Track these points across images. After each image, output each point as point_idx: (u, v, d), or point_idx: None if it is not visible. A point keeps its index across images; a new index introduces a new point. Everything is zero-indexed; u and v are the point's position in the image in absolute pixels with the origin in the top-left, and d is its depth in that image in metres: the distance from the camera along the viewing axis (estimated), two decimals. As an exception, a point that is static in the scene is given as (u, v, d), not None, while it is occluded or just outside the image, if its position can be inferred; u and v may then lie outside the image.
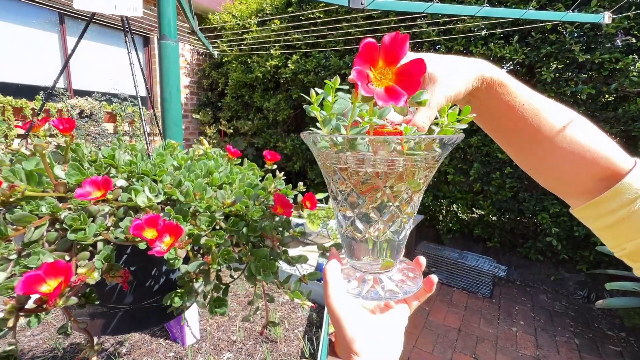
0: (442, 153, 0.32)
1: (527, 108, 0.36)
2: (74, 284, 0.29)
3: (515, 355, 2.05)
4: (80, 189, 0.34)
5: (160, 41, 1.04)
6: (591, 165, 0.35)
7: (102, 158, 0.44)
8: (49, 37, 3.58)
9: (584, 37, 2.33)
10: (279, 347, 1.25)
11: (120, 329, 0.50)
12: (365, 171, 0.31)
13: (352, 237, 0.37)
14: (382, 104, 0.25)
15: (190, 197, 0.40)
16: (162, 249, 0.31)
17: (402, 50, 0.25)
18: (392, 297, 0.35)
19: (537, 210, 2.61)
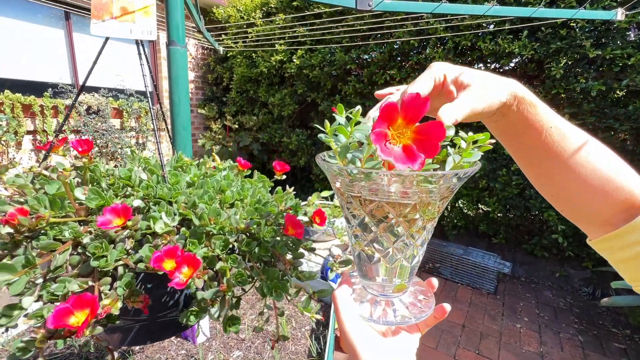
0: (458, 184, 0.33)
1: (554, 132, 0.36)
2: (101, 316, 0.31)
3: (518, 352, 2.07)
4: (102, 217, 0.35)
5: (169, 47, 1.04)
6: (612, 196, 0.35)
7: (119, 179, 0.45)
8: (55, 34, 3.59)
9: (595, 32, 2.28)
10: (287, 345, 1.28)
11: (137, 340, 0.52)
12: (378, 201, 0.32)
13: (364, 260, 0.37)
14: (400, 167, 0.25)
15: (205, 221, 0.42)
16: (182, 281, 0.33)
17: (421, 110, 0.26)
18: (403, 322, 0.36)
19: (543, 207, 2.60)
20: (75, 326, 0.27)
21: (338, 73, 3.43)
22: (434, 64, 0.36)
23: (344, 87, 3.35)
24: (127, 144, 3.90)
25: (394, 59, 3.12)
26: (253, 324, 1.41)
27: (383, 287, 0.38)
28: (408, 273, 0.38)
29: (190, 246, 0.40)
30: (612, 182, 0.35)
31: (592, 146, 0.36)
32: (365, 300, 0.38)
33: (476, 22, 2.51)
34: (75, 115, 3.58)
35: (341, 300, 0.36)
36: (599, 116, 2.33)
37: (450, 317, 2.39)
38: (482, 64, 2.81)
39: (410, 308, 0.37)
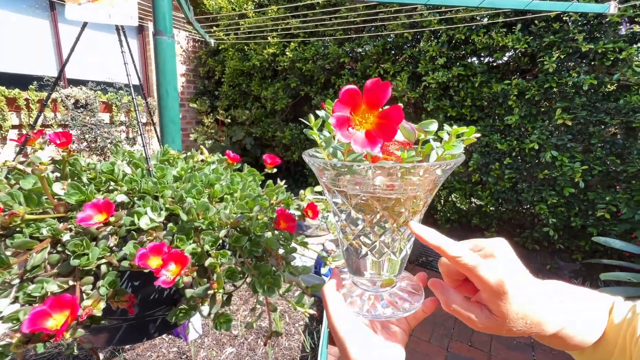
0: (441, 176, 0.32)
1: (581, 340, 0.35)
2: (82, 318, 0.29)
3: (509, 343, 2.10)
4: (82, 214, 0.33)
5: (156, 37, 1.01)
6: None
7: (101, 173, 0.43)
8: (40, 24, 3.47)
9: (588, 25, 2.29)
10: (280, 341, 1.27)
11: (125, 340, 0.50)
12: (362, 194, 0.32)
13: (352, 254, 0.37)
14: (358, 150, 0.25)
15: (193, 216, 0.40)
16: (169, 279, 0.31)
17: (384, 94, 0.26)
18: (392, 316, 0.36)
19: (535, 200, 2.63)
20: (54, 329, 0.25)
21: (331, 67, 3.39)
22: (502, 246, 0.33)
23: (338, 81, 3.32)
24: (117, 139, 3.82)
25: (388, 52, 3.09)
26: (246, 319, 1.40)
27: (372, 282, 0.38)
28: (396, 267, 0.38)
29: (178, 242, 0.39)
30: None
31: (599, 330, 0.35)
32: (354, 295, 0.38)
33: (470, 14, 2.50)
34: (62, 109, 3.48)
35: (330, 295, 0.36)
36: (590, 110, 2.35)
37: (443, 310, 2.41)
38: (476, 57, 2.81)
39: (400, 302, 0.37)
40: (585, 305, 0.36)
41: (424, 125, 0.30)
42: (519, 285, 0.30)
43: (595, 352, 0.36)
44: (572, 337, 0.34)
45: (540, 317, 0.31)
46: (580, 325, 0.34)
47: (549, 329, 0.31)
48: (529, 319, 0.30)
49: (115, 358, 1.22)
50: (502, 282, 0.29)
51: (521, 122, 2.59)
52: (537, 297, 0.31)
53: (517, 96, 2.56)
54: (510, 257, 0.32)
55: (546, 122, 2.49)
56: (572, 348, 0.36)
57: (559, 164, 2.44)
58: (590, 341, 0.35)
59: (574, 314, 0.34)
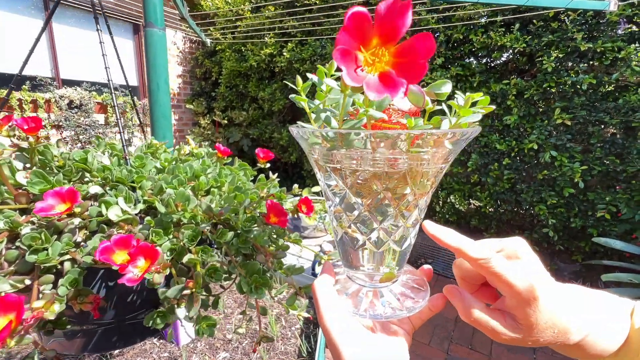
0: (453, 150, 0.27)
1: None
2: (27, 322, 0.25)
3: (510, 346, 2.06)
4: (41, 203, 0.29)
5: (146, 29, 0.97)
6: None
7: (72, 162, 0.39)
8: (34, 24, 3.43)
9: (586, 25, 2.28)
10: (275, 345, 1.23)
11: (101, 346, 0.46)
12: (362, 171, 0.26)
13: (348, 244, 0.32)
14: (375, 97, 0.19)
15: (171, 208, 0.36)
16: (135, 276, 0.27)
17: (403, 21, 0.19)
18: (393, 315, 0.31)
19: (534, 201, 2.60)
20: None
21: (329, 67, 3.37)
22: (525, 246, 0.29)
23: (335, 81, 3.29)
24: (112, 140, 3.77)
25: (386, 52, 3.08)
26: (241, 323, 1.35)
27: (370, 277, 0.33)
28: (398, 259, 0.32)
29: (154, 237, 0.35)
30: None
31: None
32: (349, 291, 0.33)
33: (468, 14, 2.48)
34: (56, 110, 3.43)
35: (322, 291, 0.31)
36: (589, 110, 2.34)
37: (443, 312, 2.38)
38: (474, 57, 2.79)
39: (402, 299, 0.32)
40: (606, 311, 0.32)
41: (436, 86, 0.25)
42: (549, 291, 0.26)
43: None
44: (594, 345, 0.30)
45: (567, 325, 0.27)
46: (603, 332, 0.31)
47: (574, 337, 0.28)
48: (557, 327, 0.26)
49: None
50: (533, 288, 0.25)
51: (520, 122, 2.57)
52: (565, 303, 0.27)
53: (515, 96, 2.54)
54: (534, 259, 0.28)
55: (545, 122, 2.47)
56: (592, 358, 0.32)
57: (559, 164, 2.42)
58: (611, 349, 0.31)
59: (596, 321, 0.30)
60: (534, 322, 0.26)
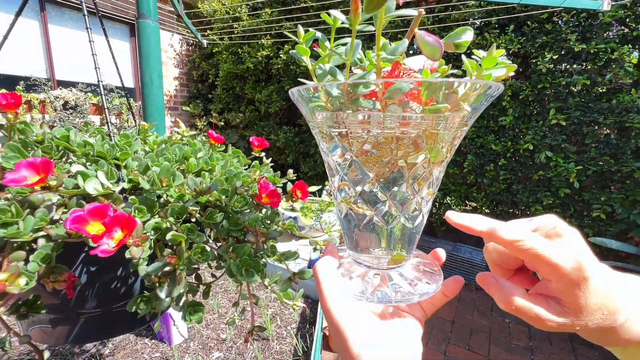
0: (472, 113, 0.25)
1: None
2: (-11, 293, 0.23)
3: (508, 347, 2.04)
4: (13, 173, 0.27)
5: (138, 20, 0.95)
6: None
7: (54, 139, 0.37)
8: (29, 25, 3.40)
9: (580, 26, 2.30)
10: (271, 345, 1.20)
11: (84, 337, 0.44)
12: (371, 136, 0.24)
13: (354, 224, 0.29)
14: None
15: (156, 185, 0.34)
16: (110, 247, 0.25)
17: None
18: (404, 299, 0.28)
19: (530, 202, 2.60)
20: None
21: (326, 68, 3.38)
22: (563, 223, 0.26)
23: (332, 83, 3.30)
24: (89, 122, 3.74)
25: (382, 54, 3.09)
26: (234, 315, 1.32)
27: (378, 259, 0.30)
28: (408, 239, 0.30)
29: (137, 214, 0.33)
30: None
31: None
32: (355, 274, 0.30)
33: (463, 15, 2.50)
34: (50, 111, 3.40)
35: (325, 273, 0.28)
36: (583, 110, 2.35)
37: (440, 314, 2.36)
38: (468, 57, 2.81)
39: (413, 283, 0.29)
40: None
41: (455, 35, 0.23)
42: (598, 270, 0.24)
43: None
44: (630, 328, 0.26)
45: (617, 305, 0.24)
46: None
47: (620, 318, 0.25)
48: (607, 309, 0.24)
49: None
50: (582, 267, 0.23)
51: (515, 123, 2.59)
52: (614, 282, 0.25)
53: (510, 97, 2.56)
54: (575, 236, 0.26)
55: (540, 123, 2.48)
56: (623, 343, 0.29)
57: (554, 165, 2.43)
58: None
59: (637, 301, 0.28)
60: (583, 305, 0.23)
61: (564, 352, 2.01)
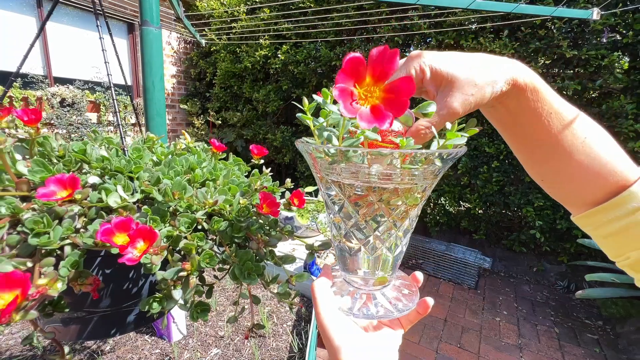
0: (442, 167, 0.30)
1: (554, 117, 0.34)
2: (33, 297, 0.27)
3: (498, 344, 2.10)
4: (44, 189, 0.31)
5: (142, 27, 0.98)
6: (604, 178, 0.34)
7: (72, 152, 0.41)
8: (26, 22, 3.39)
9: (572, 33, 2.36)
10: (267, 342, 1.24)
11: (96, 333, 0.47)
12: (358, 184, 0.30)
13: (345, 250, 0.35)
14: (365, 126, 0.23)
15: (168, 197, 0.38)
16: (135, 256, 0.29)
17: (391, 65, 0.24)
18: (385, 316, 0.34)
19: (522, 203, 2.66)
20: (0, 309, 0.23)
21: (323, 70, 3.40)
22: (412, 54, 0.32)
23: (329, 84, 3.33)
24: (96, 129, 3.74)
25: (379, 56, 3.13)
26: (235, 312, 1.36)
27: (365, 280, 0.36)
28: (390, 265, 0.36)
29: (152, 224, 0.36)
30: (607, 166, 0.33)
31: (591, 129, 0.34)
32: (345, 293, 0.36)
33: (459, 20, 2.54)
34: (47, 108, 3.39)
35: (320, 292, 0.33)
36: (574, 115, 2.41)
37: (433, 312, 2.41)
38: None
39: (393, 302, 0.35)
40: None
41: (422, 108, 0.28)
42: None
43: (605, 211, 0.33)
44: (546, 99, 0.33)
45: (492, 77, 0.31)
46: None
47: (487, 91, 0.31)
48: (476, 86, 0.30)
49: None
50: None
51: (509, 126, 2.64)
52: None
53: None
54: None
55: (533, 126, 2.54)
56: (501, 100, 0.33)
57: (546, 167, 2.49)
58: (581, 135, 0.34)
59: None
60: (453, 78, 0.30)
61: (551, 349, 2.08)
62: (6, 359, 1.15)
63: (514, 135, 0.38)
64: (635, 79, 2.20)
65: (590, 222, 0.36)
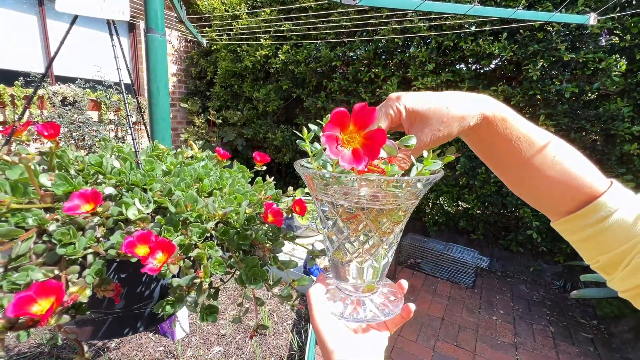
0: (421, 190, 0.35)
1: (523, 140, 0.38)
2: (67, 303, 0.30)
3: (494, 343, 2.14)
4: (69, 203, 0.34)
5: (147, 34, 1.01)
6: (575, 191, 0.37)
7: (89, 165, 0.43)
8: (28, 20, 3.40)
9: (570, 36, 2.38)
10: (268, 340, 1.27)
11: (110, 333, 0.50)
12: (348, 205, 0.34)
13: (337, 260, 0.39)
14: (345, 167, 0.28)
15: (181, 208, 0.41)
16: (155, 266, 0.32)
17: (370, 118, 0.29)
18: (372, 319, 0.38)
19: (519, 204, 2.69)
20: (39, 314, 0.26)
21: (323, 70, 3.42)
22: (390, 96, 0.38)
23: (329, 84, 3.35)
24: (106, 137, 3.76)
25: (379, 57, 3.14)
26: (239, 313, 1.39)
27: (355, 287, 0.40)
28: (378, 274, 0.40)
29: (166, 234, 0.39)
30: (576, 180, 0.37)
31: (559, 148, 0.38)
32: (337, 299, 0.40)
33: (458, 22, 2.56)
34: (49, 106, 3.41)
35: (315, 298, 0.38)
36: (572, 117, 2.44)
37: (430, 311, 2.45)
38: (464, 64, 2.88)
39: (380, 307, 0.39)
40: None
41: (404, 140, 0.33)
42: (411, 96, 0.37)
43: (580, 218, 0.37)
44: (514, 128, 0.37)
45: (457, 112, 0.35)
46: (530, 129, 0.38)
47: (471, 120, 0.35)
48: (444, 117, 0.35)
49: (99, 358, 1.19)
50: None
51: (507, 128, 2.66)
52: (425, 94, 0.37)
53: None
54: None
55: (530, 128, 2.56)
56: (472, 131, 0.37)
57: (543, 169, 2.51)
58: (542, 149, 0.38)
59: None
60: (422, 113, 0.35)
61: (546, 348, 2.12)
62: (14, 355, 1.18)
63: (490, 159, 0.42)
64: (632, 82, 2.22)
65: (566, 229, 0.40)
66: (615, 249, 0.36)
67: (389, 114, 0.36)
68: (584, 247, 0.39)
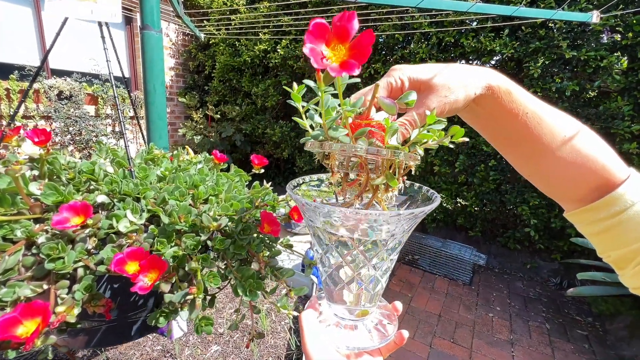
0: (414, 223, 0.35)
1: (531, 116, 0.35)
2: (53, 325, 0.29)
3: (490, 340, 2.16)
4: (57, 216, 0.33)
5: (143, 31, 0.98)
6: (588, 175, 0.35)
7: (81, 174, 0.42)
8: (22, 12, 3.34)
9: (572, 33, 2.35)
10: (265, 339, 1.28)
11: (104, 342, 0.50)
12: (339, 236, 0.34)
13: (330, 285, 0.39)
14: (335, 75, 0.26)
15: (174, 219, 0.40)
16: (146, 285, 0.31)
17: (351, 25, 0.26)
18: (365, 347, 0.37)
19: (517, 202, 2.70)
20: (24, 337, 0.25)
21: (323, 65, 3.39)
22: (393, 67, 0.36)
23: (329, 80, 3.32)
24: (103, 132, 3.72)
25: (379, 52, 3.11)
26: (232, 317, 1.39)
27: (348, 312, 0.39)
28: (372, 299, 0.39)
29: (159, 245, 0.38)
30: (590, 162, 0.35)
31: (572, 127, 0.36)
32: (330, 323, 0.39)
33: (459, 18, 2.53)
34: (45, 100, 3.37)
35: (307, 322, 0.37)
36: (572, 115, 2.42)
37: (428, 308, 2.47)
38: (465, 60, 2.85)
39: (373, 333, 0.38)
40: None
41: (403, 98, 0.31)
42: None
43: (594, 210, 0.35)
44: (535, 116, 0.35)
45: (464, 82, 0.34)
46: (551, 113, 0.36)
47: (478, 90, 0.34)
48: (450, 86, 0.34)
49: (97, 357, 1.19)
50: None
51: (507, 125, 2.65)
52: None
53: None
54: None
55: (530, 126, 2.55)
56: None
57: (542, 167, 2.51)
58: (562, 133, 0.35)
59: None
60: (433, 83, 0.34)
61: (542, 345, 2.14)
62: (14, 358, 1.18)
63: (496, 136, 0.40)
64: (633, 80, 2.21)
65: (580, 220, 0.37)
66: (629, 246, 0.34)
67: (389, 82, 0.35)
68: (597, 241, 0.37)
